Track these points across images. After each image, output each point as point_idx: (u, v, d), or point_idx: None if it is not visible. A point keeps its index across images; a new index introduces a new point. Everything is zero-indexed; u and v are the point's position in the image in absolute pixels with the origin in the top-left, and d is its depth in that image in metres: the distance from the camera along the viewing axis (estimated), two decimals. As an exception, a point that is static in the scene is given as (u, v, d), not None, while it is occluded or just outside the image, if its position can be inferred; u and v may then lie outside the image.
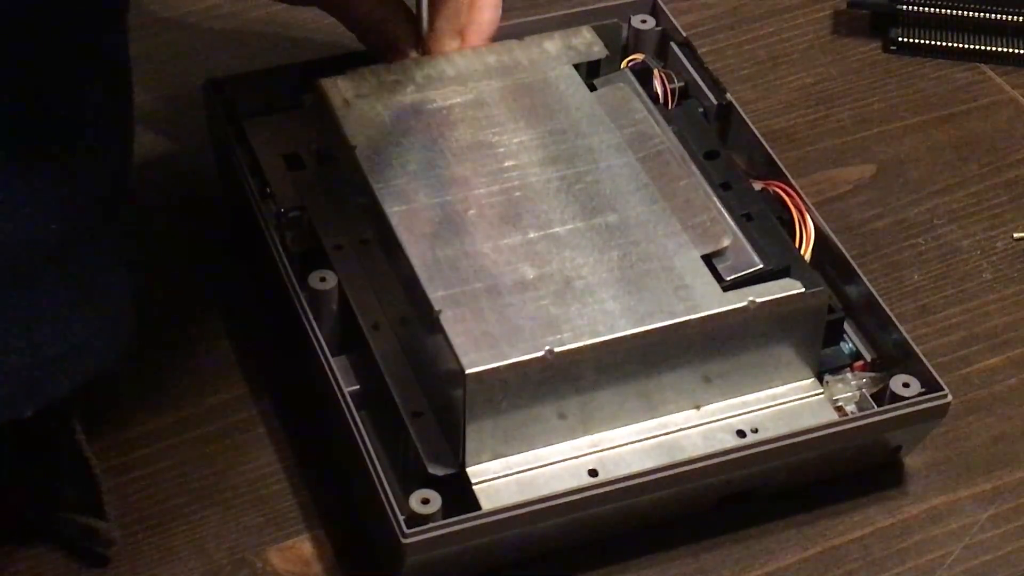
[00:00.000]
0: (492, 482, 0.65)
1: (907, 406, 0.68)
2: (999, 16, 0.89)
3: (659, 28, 0.81)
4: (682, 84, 0.77)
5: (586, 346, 0.64)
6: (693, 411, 0.68)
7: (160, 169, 0.82)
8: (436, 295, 0.65)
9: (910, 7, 0.89)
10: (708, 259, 0.68)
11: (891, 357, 0.70)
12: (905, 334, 0.69)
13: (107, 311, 0.61)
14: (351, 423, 0.66)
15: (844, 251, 0.72)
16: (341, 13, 0.76)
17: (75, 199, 0.58)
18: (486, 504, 0.64)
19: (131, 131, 0.61)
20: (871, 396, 0.69)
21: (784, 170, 0.75)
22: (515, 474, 0.65)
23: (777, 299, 0.67)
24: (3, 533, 0.67)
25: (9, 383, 0.58)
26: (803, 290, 0.67)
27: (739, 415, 0.68)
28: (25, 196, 0.56)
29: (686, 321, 0.65)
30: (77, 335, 0.59)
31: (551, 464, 0.66)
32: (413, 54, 0.75)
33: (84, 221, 0.58)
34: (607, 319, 0.65)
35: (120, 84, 0.59)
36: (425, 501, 0.63)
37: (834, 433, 0.67)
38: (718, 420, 0.68)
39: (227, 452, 0.71)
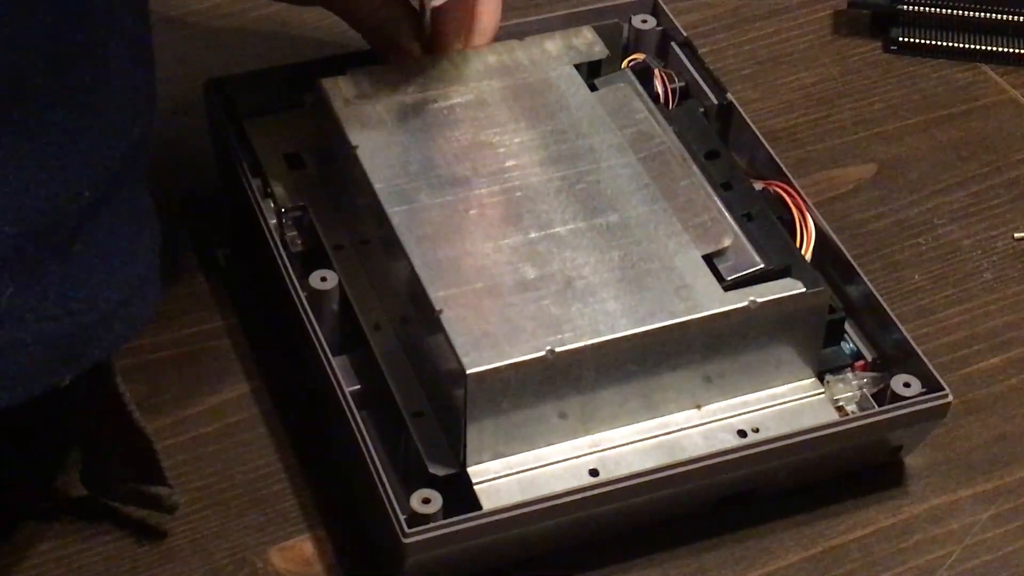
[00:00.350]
0: (493, 482, 0.65)
1: (908, 406, 0.68)
2: (999, 16, 0.89)
3: (660, 28, 0.81)
4: (683, 84, 0.78)
5: (587, 346, 0.64)
6: (694, 411, 0.68)
7: (160, 169, 0.81)
8: (437, 295, 0.65)
9: (910, 7, 0.89)
10: (709, 259, 0.68)
11: (892, 357, 0.70)
12: (906, 334, 0.69)
13: (136, 273, 0.60)
14: (352, 423, 0.66)
15: (844, 251, 0.72)
16: (345, 13, 0.76)
17: (106, 161, 0.57)
18: (487, 504, 0.64)
19: (154, 82, 0.61)
20: (872, 396, 0.69)
21: (785, 170, 0.75)
22: (516, 474, 0.65)
23: (778, 299, 0.67)
24: (25, 520, 0.68)
25: (46, 351, 0.57)
26: (804, 290, 0.67)
27: (740, 415, 0.68)
28: (62, 162, 0.56)
29: (687, 321, 0.65)
30: (110, 299, 0.59)
31: (552, 464, 0.66)
32: (417, 53, 0.75)
33: (114, 183, 0.58)
34: (608, 319, 0.65)
35: (142, 34, 0.59)
36: (426, 501, 0.63)
37: (835, 433, 0.67)
38: (719, 420, 0.68)
39: (227, 452, 0.71)
